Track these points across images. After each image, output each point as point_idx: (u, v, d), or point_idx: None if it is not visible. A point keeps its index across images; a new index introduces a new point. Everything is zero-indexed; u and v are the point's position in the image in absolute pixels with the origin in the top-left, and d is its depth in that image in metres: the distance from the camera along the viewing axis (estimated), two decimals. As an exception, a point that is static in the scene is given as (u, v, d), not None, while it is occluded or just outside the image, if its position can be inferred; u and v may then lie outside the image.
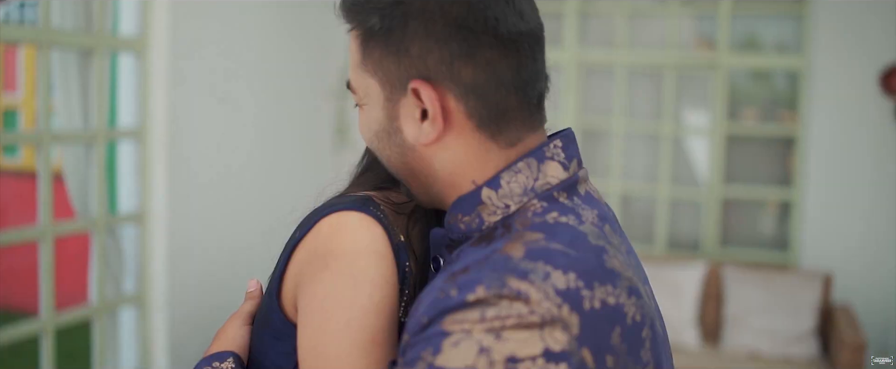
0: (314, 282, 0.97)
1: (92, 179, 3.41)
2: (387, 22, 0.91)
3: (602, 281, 0.86)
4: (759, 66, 4.87)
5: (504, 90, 0.92)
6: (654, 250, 4.91)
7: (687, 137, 5.02)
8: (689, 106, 5.03)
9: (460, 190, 0.96)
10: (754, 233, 4.94)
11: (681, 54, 4.86)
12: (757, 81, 5.08)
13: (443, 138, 0.93)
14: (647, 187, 4.99)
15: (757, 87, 5.10)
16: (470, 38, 0.89)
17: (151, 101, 3.56)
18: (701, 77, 4.91)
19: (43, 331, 3.22)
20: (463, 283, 0.83)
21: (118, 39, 3.48)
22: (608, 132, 5.04)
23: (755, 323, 4.28)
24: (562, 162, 0.96)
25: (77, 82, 3.37)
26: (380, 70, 0.94)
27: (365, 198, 1.02)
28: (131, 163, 3.66)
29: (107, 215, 3.45)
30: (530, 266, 0.83)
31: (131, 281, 3.64)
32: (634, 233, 5.04)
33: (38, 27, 3.11)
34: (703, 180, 4.91)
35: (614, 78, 4.96)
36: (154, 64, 3.54)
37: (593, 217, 0.94)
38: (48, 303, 3.22)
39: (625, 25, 4.90)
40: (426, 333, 0.83)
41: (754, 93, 5.09)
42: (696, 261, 4.55)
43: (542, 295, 0.81)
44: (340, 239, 0.97)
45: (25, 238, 3.21)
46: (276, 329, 1.04)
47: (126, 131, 3.58)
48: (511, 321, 0.80)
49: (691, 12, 4.94)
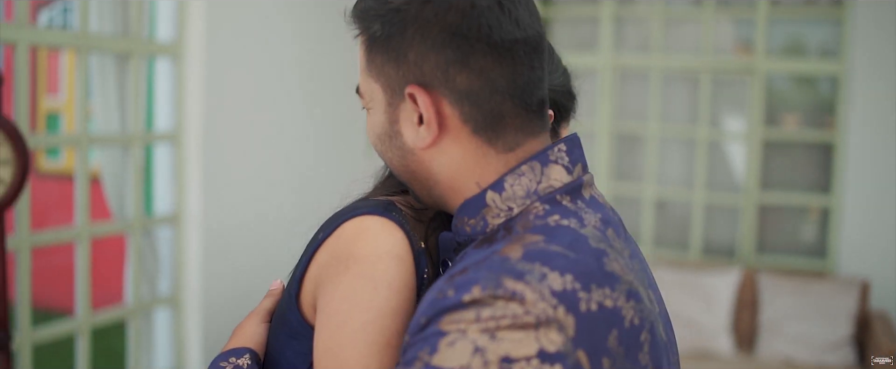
0: (334, 284, 0.98)
1: (128, 182, 3.47)
2: (387, 28, 0.94)
3: (600, 284, 0.86)
4: (795, 71, 4.82)
5: (499, 96, 0.93)
6: (688, 256, 4.87)
7: (723, 143, 4.98)
8: (728, 111, 4.98)
9: (461, 193, 0.98)
10: (791, 239, 4.89)
11: (716, 59, 4.82)
12: (800, 87, 5.02)
13: (439, 143, 0.96)
14: (683, 192, 4.95)
15: (800, 93, 5.04)
16: (464, 46, 0.91)
17: (187, 105, 3.61)
18: (740, 82, 4.86)
19: (79, 331, 3.28)
20: (460, 284, 0.84)
21: (155, 44, 3.54)
22: (643, 137, 5.01)
23: (790, 331, 4.24)
24: (565, 165, 0.96)
25: (115, 86, 3.43)
26: (382, 75, 0.97)
27: (388, 203, 1.04)
28: (167, 165, 3.72)
29: (142, 217, 3.50)
30: (527, 267, 0.84)
31: (166, 283, 3.69)
32: (669, 239, 5.01)
33: (76, 32, 3.16)
34: (739, 186, 4.87)
35: (649, 82, 4.93)
36: (190, 68, 3.59)
37: (596, 220, 0.94)
38: (84, 303, 3.28)
39: (660, 30, 4.88)
40: (424, 333, 0.84)
41: (797, 99, 5.02)
42: (730, 268, 4.51)
43: (538, 296, 0.82)
44: (362, 242, 0.98)
45: (62, 239, 3.27)
46: (293, 329, 1.05)
47: (162, 134, 3.63)
48: (506, 321, 0.80)
49: (729, 16, 4.90)
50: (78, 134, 3.21)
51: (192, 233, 3.66)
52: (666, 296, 4.68)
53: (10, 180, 2.46)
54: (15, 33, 2.88)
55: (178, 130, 3.63)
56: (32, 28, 2.94)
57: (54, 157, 6.36)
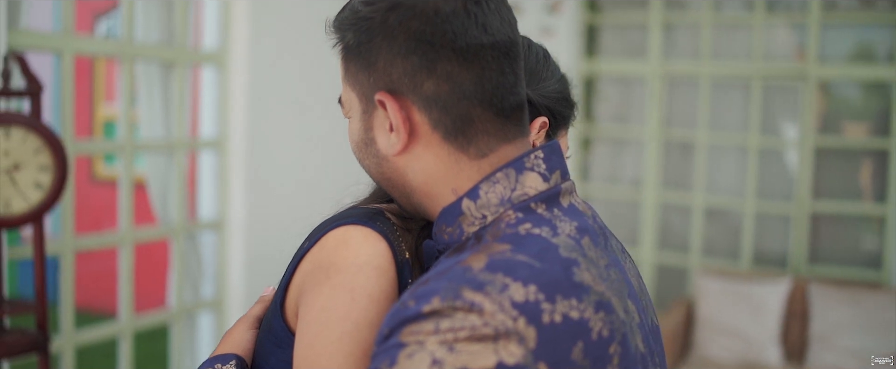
0: (314, 294, 0.98)
1: (173, 187, 3.53)
2: (357, 37, 0.95)
3: (566, 295, 0.84)
4: (850, 77, 4.69)
5: (467, 102, 0.93)
6: (739, 266, 4.78)
7: (776, 150, 4.87)
8: (786, 118, 4.87)
9: (437, 200, 0.97)
10: (845, 249, 4.76)
11: (767, 65, 4.72)
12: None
13: (412, 149, 0.95)
14: (734, 201, 4.86)
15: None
16: (430, 52, 0.91)
17: (231, 113, 3.66)
18: (798, 89, 4.75)
19: (121, 334, 3.34)
20: (420, 294, 0.83)
21: (199, 53, 3.60)
22: (694, 144, 4.93)
23: (842, 343, 4.13)
24: (542, 173, 0.95)
25: (160, 94, 3.49)
26: (357, 83, 0.98)
27: (375, 212, 1.04)
28: (211, 172, 3.77)
29: (186, 222, 3.56)
30: (488, 277, 0.83)
31: (210, 287, 3.74)
32: (719, 248, 4.92)
33: (121, 41, 3.23)
34: (793, 194, 4.76)
35: (699, 89, 4.86)
36: (234, 76, 3.64)
37: (571, 229, 0.93)
38: (127, 307, 3.34)
39: (710, 36, 4.80)
40: (386, 344, 0.83)
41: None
42: (781, 278, 4.41)
43: (497, 307, 0.81)
44: (343, 252, 0.98)
45: (105, 243, 3.33)
46: (278, 336, 1.05)
47: (206, 141, 3.68)
48: (464, 333, 0.80)
49: (785, 22, 4.79)
50: (122, 141, 3.27)
51: (235, 238, 3.71)
52: (714, 306, 4.61)
53: (50, 185, 2.51)
54: (60, 42, 2.95)
55: (222, 137, 3.68)
56: (77, 37, 3.00)
57: (111, 164, 6.49)
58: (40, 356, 2.58)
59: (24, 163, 2.45)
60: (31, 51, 2.82)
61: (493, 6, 0.94)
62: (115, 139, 6.62)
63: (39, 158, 2.49)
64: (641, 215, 5.01)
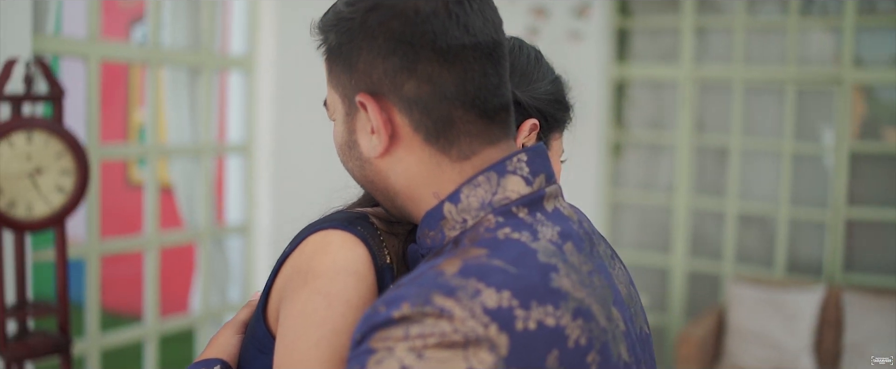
0: (292, 299, 0.97)
1: (199, 192, 3.54)
2: (339, 38, 0.94)
3: (542, 301, 0.82)
4: (884, 81, 4.59)
5: (448, 103, 0.91)
6: (773, 273, 4.70)
7: (811, 156, 4.78)
8: (823, 124, 4.77)
9: (420, 204, 0.96)
10: (881, 257, 4.66)
11: (801, 70, 4.64)
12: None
13: (393, 151, 0.94)
14: (768, 207, 4.78)
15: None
16: (410, 52, 0.89)
17: (258, 117, 3.67)
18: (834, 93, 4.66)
19: (146, 338, 3.36)
20: (391, 299, 0.82)
21: (227, 58, 3.61)
22: (727, 150, 4.86)
23: (877, 353, 4.04)
24: (524, 176, 0.93)
25: (187, 99, 3.51)
26: (339, 85, 0.96)
27: (358, 216, 1.03)
28: (239, 176, 3.79)
29: (212, 226, 3.57)
30: (460, 282, 0.81)
31: (236, 291, 3.76)
32: (752, 256, 4.84)
33: (147, 46, 3.26)
34: (828, 201, 4.67)
35: (732, 94, 4.79)
36: (261, 81, 3.66)
37: (553, 234, 0.91)
38: (152, 310, 3.36)
39: (743, 40, 4.73)
40: (357, 350, 0.82)
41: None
42: (815, 286, 4.33)
43: (468, 314, 0.79)
44: (321, 257, 0.97)
45: (131, 247, 3.36)
46: (260, 341, 1.05)
47: (233, 146, 3.70)
48: (433, 340, 0.78)
49: (823, 26, 4.70)
50: (148, 145, 3.30)
51: (261, 242, 3.72)
52: (747, 314, 4.53)
53: (72, 189, 2.54)
54: (85, 48, 2.98)
55: (249, 141, 3.70)
56: (102, 42, 3.03)
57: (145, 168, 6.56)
58: (62, 358, 2.61)
59: (47, 167, 2.48)
60: (62, 56, 2.85)
61: (476, 6, 0.92)
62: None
63: (61, 162, 2.51)
64: (673, 221, 4.95)
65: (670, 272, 4.97)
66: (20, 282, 2.54)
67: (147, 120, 3.38)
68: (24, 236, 2.53)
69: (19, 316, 2.51)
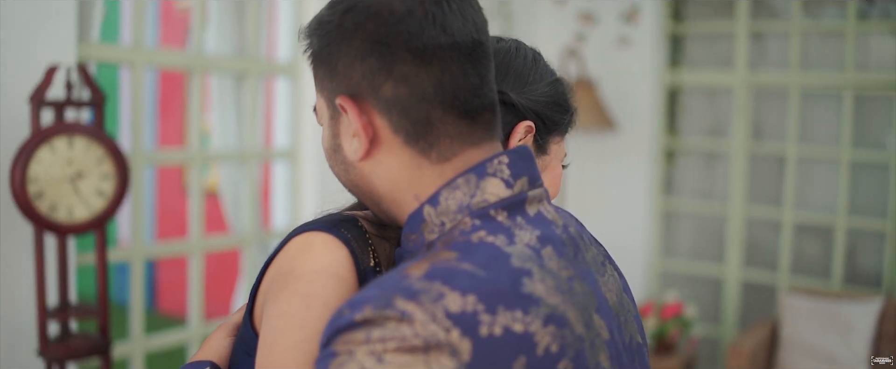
0: (274, 301, 0.97)
1: (245, 197, 3.58)
2: (319, 42, 0.93)
3: (510, 306, 0.80)
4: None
5: (426, 104, 0.90)
6: (830, 284, 4.57)
7: (871, 164, 4.64)
8: (882, 131, 4.64)
9: (403, 206, 0.95)
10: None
11: (860, 76, 4.51)
12: None
13: (375, 154, 0.93)
14: (825, 217, 4.65)
15: None
16: (387, 54, 0.88)
17: (303, 123, 3.70)
18: (894, 99, 4.52)
19: (191, 340, 3.40)
20: (354, 302, 0.81)
21: (272, 64, 3.65)
22: (784, 158, 4.75)
23: (937, 369, 3.90)
24: (505, 179, 0.91)
25: (233, 105, 3.56)
26: (324, 89, 0.96)
27: (344, 220, 1.03)
28: (285, 182, 3.82)
29: (258, 231, 3.61)
30: (424, 286, 0.80)
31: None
32: (809, 266, 4.72)
33: (192, 53, 3.30)
34: (888, 211, 4.53)
35: (789, 101, 4.68)
36: (306, 88, 3.68)
37: (531, 238, 0.89)
38: (197, 313, 3.40)
39: (799, 45, 4.62)
40: (323, 353, 0.81)
41: None
42: (873, 298, 4.20)
43: (429, 317, 0.77)
44: (302, 260, 0.97)
45: (175, 252, 3.41)
46: (247, 344, 1.05)
47: (279, 152, 3.73)
48: (393, 344, 0.77)
49: (879, 30, 4.57)
50: (192, 151, 3.34)
51: (306, 248, 3.73)
52: (801, 326, 4.41)
53: (112, 194, 2.58)
54: (130, 55, 3.03)
55: (295, 148, 3.72)
56: (145, 49, 3.08)
57: (204, 174, 6.65)
58: (102, 359, 2.65)
59: (87, 171, 2.52)
60: (101, 63, 2.90)
61: (455, 6, 0.91)
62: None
63: (102, 167, 2.55)
64: (727, 230, 4.86)
65: (724, 282, 4.87)
66: (62, 285, 2.59)
67: (191, 126, 3.42)
68: (65, 239, 2.58)
69: (61, 317, 2.56)
